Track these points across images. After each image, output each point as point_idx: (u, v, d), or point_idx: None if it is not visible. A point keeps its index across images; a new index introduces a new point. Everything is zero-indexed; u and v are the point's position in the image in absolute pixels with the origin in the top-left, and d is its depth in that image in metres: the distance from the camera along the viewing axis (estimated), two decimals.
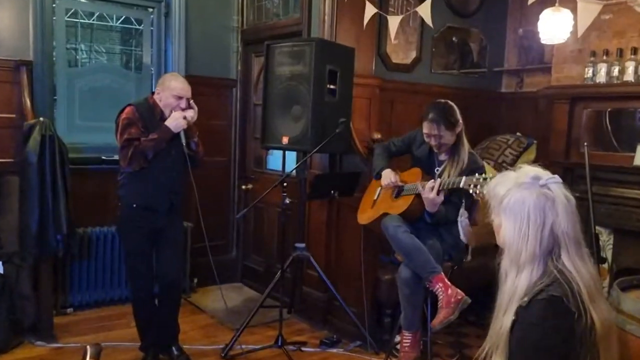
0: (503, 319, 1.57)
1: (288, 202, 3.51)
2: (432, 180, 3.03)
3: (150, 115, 3.24)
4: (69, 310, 4.17)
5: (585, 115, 4.02)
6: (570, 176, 3.91)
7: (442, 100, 3.19)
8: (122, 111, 3.23)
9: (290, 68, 3.68)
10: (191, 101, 3.32)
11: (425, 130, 3.13)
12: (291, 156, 4.49)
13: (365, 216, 3.46)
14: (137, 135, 3.15)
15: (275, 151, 4.66)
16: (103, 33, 4.78)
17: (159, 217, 3.27)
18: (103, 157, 4.32)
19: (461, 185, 2.86)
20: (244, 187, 5.04)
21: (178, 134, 3.22)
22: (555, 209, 1.54)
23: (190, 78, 4.40)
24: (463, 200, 3.00)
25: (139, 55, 4.78)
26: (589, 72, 3.91)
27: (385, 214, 3.22)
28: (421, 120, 3.16)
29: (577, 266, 1.54)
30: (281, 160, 4.67)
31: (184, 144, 3.22)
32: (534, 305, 1.49)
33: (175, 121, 3.20)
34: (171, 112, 3.24)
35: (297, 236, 3.87)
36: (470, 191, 2.80)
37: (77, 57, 4.59)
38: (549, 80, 4.40)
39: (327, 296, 4.05)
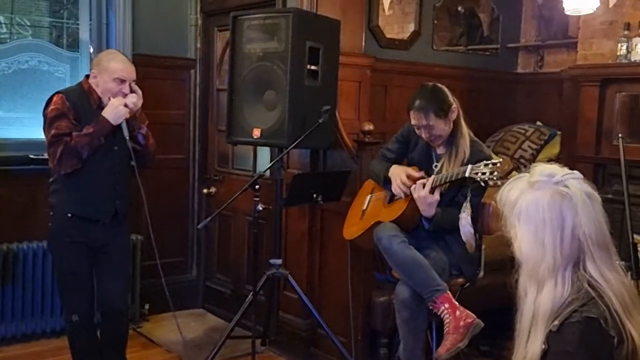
0: (527, 347, 1.58)
1: (261, 208, 3.51)
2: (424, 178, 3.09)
3: (84, 104, 3.21)
4: None
5: (618, 100, 4.08)
6: (602, 174, 3.97)
7: (429, 83, 3.25)
8: (49, 101, 3.21)
9: (262, 45, 3.68)
10: (133, 84, 3.29)
11: (413, 122, 3.18)
12: (264, 153, 4.50)
13: (352, 230, 3.49)
14: (68, 129, 3.12)
15: (244, 147, 4.66)
16: (27, 2, 4.73)
17: (99, 230, 3.25)
18: (31, 156, 4.27)
19: (467, 174, 2.92)
20: (205, 191, 5.02)
21: (120, 126, 3.20)
22: (574, 208, 1.56)
23: (138, 58, 4.42)
24: (468, 195, 3.03)
25: (73, 29, 4.73)
26: (622, 48, 3.96)
27: (377, 224, 3.24)
28: (407, 110, 3.20)
29: (605, 275, 1.56)
30: (252, 158, 4.70)
31: (127, 137, 3.20)
32: (566, 329, 1.51)
33: (114, 110, 3.16)
34: (109, 99, 3.20)
35: (273, 250, 3.86)
36: (478, 178, 2.86)
37: None
38: (575, 59, 4.46)
39: (310, 323, 4.05)
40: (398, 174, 3.26)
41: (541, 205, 1.57)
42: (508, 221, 1.66)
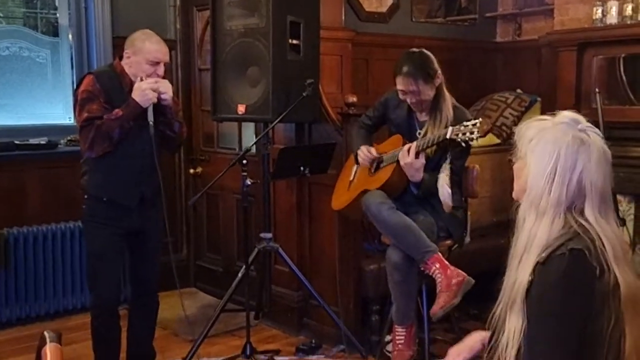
0: (518, 272, 1.67)
1: (250, 182, 3.55)
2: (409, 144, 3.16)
3: (116, 86, 3.16)
4: None
5: (595, 63, 4.17)
6: None
7: (416, 50, 3.31)
8: (80, 81, 3.18)
9: (243, 22, 3.72)
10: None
11: (400, 87, 3.23)
12: (249, 130, 4.54)
13: (340, 200, 3.56)
14: (99, 112, 3.07)
15: (229, 126, 4.70)
16: None
17: (130, 215, 3.23)
18: (16, 142, 4.28)
19: (448, 135, 3.00)
20: (192, 171, 5.07)
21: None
22: (589, 156, 1.64)
23: (118, 41, 4.42)
24: (448, 157, 3.12)
25: (48, 19, 4.73)
26: (597, 12, 4.04)
27: (364, 193, 3.31)
28: (393, 76, 3.26)
29: (600, 222, 1.64)
30: (237, 136, 4.73)
31: (151, 122, 3.12)
32: (552, 261, 1.60)
33: (142, 92, 3.09)
34: (141, 79, 3.14)
35: (262, 225, 3.91)
36: (459, 139, 2.94)
37: None
38: (552, 25, 4.52)
39: (302, 295, 4.14)
40: (362, 150, 3.39)
41: (559, 144, 1.63)
42: (519, 151, 1.72)
